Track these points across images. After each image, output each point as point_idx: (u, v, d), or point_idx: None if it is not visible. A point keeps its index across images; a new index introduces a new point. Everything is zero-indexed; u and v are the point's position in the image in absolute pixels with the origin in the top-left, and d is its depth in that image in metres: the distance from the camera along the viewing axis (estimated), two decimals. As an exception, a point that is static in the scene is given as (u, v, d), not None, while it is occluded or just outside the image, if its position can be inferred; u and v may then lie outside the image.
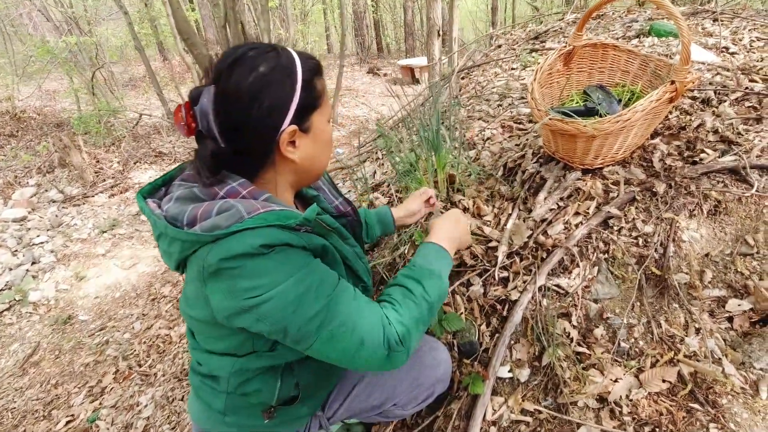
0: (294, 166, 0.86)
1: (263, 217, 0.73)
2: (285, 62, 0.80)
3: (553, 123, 1.32)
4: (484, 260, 1.42)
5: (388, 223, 1.32)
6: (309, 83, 0.82)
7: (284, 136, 0.80)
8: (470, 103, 2.34)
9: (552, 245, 1.35)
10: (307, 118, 0.83)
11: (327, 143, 0.90)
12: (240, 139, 0.79)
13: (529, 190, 1.55)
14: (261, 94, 0.76)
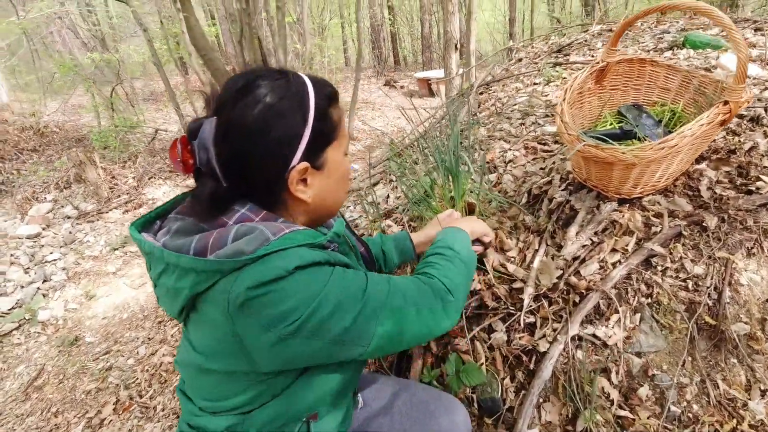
0: (305, 207, 0.78)
1: (290, 237, 0.66)
2: (296, 90, 0.72)
3: (587, 150, 1.16)
4: (507, 303, 1.27)
5: (407, 250, 1.21)
6: (323, 114, 0.74)
7: (294, 175, 0.72)
8: (490, 121, 2.19)
9: (586, 288, 1.19)
10: (321, 154, 0.76)
11: (343, 179, 0.83)
12: (244, 178, 0.71)
13: (558, 222, 1.39)
14: (268, 126, 0.69)
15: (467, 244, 1.01)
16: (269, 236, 0.66)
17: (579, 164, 1.36)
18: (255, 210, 0.73)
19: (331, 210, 0.85)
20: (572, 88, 1.35)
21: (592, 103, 1.46)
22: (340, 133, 0.78)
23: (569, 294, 1.21)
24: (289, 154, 0.71)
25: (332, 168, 0.78)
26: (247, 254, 0.63)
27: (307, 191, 0.75)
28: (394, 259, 1.21)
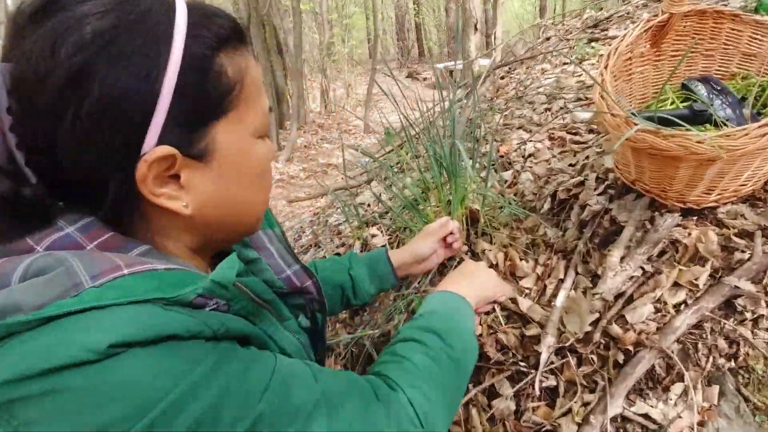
0: (186, 221, 0.48)
1: (123, 285, 0.37)
2: (142, 14, 0.41)
3: (642, 138, 0.77)
4: (518, 355, 0.89)
5: (385, 276, 0.92)
6: (202, 63, 0.43)
7: (142, 168, 0.41)
8: (508, 107, 1.80)
9: (634, 342, 0.80)
10: (201, 132, 0.44)
11: (255, 175, 0.51)
12: (58, 172, 0.41)
13: (593, 240, 1.00)
14: (89, 77, 0.38)
15: (467, 327, 0.68)
16: (81, 280, 0.37)
17: (626, 159, 0.96)
18: (94, 229, 0.43)
19: (240, 223, 0.54)
20: (618, 53, 0.95)
21: (646, 75, 1.06)
22: (244, 102, 0.47)
23: (609, 349, 0.82)
24: (130, 130, 0.40)
25: (228, 157, 0.47)
26: (24, 313, 0.35)
27: (180, 196, 0.45)
28: (367, 288, 0.91)
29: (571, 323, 0.87)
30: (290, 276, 0.70)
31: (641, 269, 0.87)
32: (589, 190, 1.12)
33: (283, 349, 0.52)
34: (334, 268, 0.91)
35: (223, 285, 0.41)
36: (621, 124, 0.82)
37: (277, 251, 0.71)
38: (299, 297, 0.73)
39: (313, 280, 0.73)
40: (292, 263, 0.71)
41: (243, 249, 0.68)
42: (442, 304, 0.71)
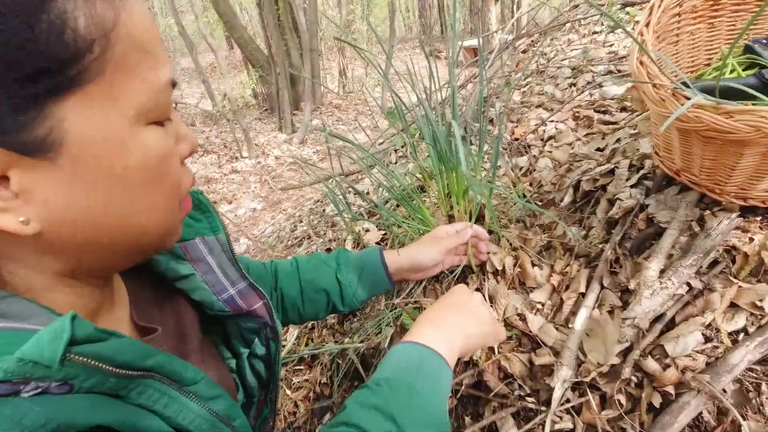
0: (36, 242, 0.34)
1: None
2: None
3: (698, 115, 0.58)
4: (525, 386, 0.72)
5: (377, 280, 0.80)
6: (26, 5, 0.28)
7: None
8: (527, 82, 1.58)
9: (676, 381, 0.62)
10: (36, 113, 0.29)
11: (140, 178, 0.36)
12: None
13: (624, 245, 0.81)
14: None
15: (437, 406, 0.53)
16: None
17: (668, 143, 0.76)
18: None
19: (134, 244, 0.39)
20: (663, 6, 0.74)
21: (698, 36, 0.84)
22: (115, 69, 0.32)
23: (642, 389, 0.64)
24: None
25: (89, 151, 0.32)
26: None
27: (14, 208, 0.31)
28: (357, 294, 0.80)
29: (593, 352, 0.69)
30: (234, 296, 0.56)
31: (687, 285, 0.68)
32: (620, 181, 0.93)
33: (180, 427, 0.38)
34: (319, 270, 0.78)
35: (41, 364, 0.28)
36: (667, 99, 0.62)
37: (219, 265, 0.56)
38: (250, 321, 0.58)
39: (264, 302, 0.59)
40: (237, 280, 0.57)
41: (172, 260, 0.53)
42: (407, 368, 0.55)
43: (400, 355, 0.57)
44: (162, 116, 0.37)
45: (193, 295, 0.55)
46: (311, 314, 0.79)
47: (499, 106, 1.41)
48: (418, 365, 0.55)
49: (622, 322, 0.66)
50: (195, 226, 0.56)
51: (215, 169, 4.99)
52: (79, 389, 0.30)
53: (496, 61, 1.98)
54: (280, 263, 0.81)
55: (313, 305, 0.78)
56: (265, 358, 0.61)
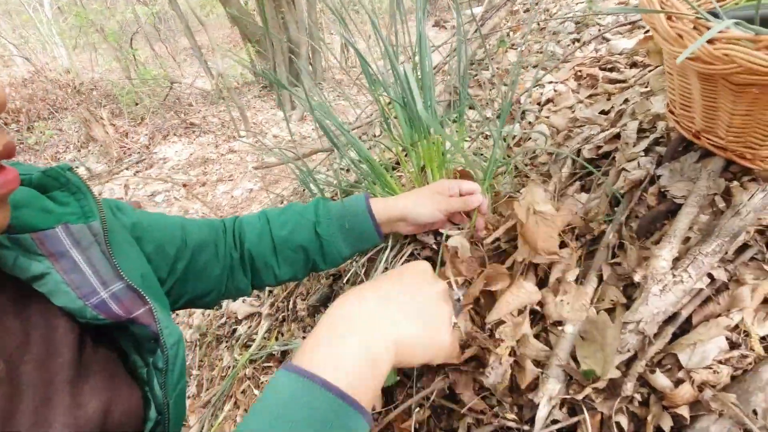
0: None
1: None
2: None
3: (731, 52, 0.43)
4: (504, 402, 0.59)
5: (363, 233, 0.70)
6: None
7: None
8: (526, 41, 1.41)
9: (691, 400, 0.49)
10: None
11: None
12: None
13: (630, 225, 0.66)
14: None
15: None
16: None
17: (687, 98, 0.61)
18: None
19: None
20: None
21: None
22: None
23: (648, 407, 0.51)
24: None
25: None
26: None
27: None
28: (340, 249, 0.71)
29: (588, 359, 0.56)
30: (106, 300, 0.45)
31: (708, 277, 0.54)
32: (627, 147, 0.77)
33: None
34: (295, 224, 0.69)
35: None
36: (686, 34, 0.47)
37: (87, 260, 0.45)
38: (134, 327, 0.47)
39: (148, 307, 0.46)
40: (111, 279, 0.46)
41: (22, 256, 0.42)
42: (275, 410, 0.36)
43: (279, 400, 0.37)
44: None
45: (54, 300, 0.43)
46: (288, 274, 0.71)
47: (492, 70, 1.25)
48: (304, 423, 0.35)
49: (623, 326, 0.52)
50: (56, 212, 0.44)
51: (212, 149, 4.87)
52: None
53: (494, 17, 1.79)
54: (245, 219, 0.71)
55: (290, 265, 0.69)
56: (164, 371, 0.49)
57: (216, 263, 0.66)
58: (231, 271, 0.69)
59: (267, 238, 0.69)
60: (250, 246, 0.69)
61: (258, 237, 0.69)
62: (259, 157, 4.49)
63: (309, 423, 0.35)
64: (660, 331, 0.53)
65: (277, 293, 1.18)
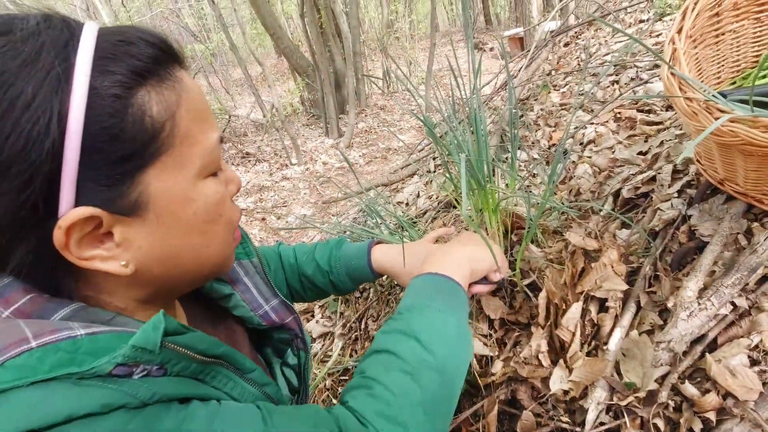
0: (128, 278, 0.42)
1: (26, 363, 0.32)
2: (38, 52, 0.35)
3: (733, 130, 0.55)
4: (558, 408, 0.72)
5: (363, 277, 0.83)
6: (115, 104, 0.36)
7: (61, 236, 0.36)
8: (566, 82, 1.54)
9: (717, 406, 0.60)
10: (129, 185, 0.38)
11: (203, 221, 0.45)
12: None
13: (665, 258, 0.78)
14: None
15: (455, 321, 0.58)
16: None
17: (709, 153, 0.73)
18: (11, 292, 0.38)
19: (198, 273, 0.48)
20: (698, 8, 0.71)
21: (742, 33, 0.79)
22: (180, 140, 0.40)
23: (681, 413, 0.62)
24: (33, 192, 0.34)
25: (167, 207, 0.41)
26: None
27: (117, 255, 0.40)
28: (348, 287, 0.85)
29: (630, 371, 0.67)
30: (268, 312, 0.64)
31: (731, 304, 0.65)
32: (663, 188, 0.89)
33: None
34: (315, 269, 0.85)
35: (147, 349, 0.36)
36: (700, 112, 0.60)
37: (254, 284, 0.65)
38: (284, 333, 0.67)
39: (294, 316, 0.67)
40: (270, 297, 0.65)
41: (215, 283, 0.62)
42: (424, 294, 0.62)
43: (417, 285, 0.64)
44: (215, 169, 0.45)
45: (235, 312, 0.63)
46: (313, 298, 0.91)
47: (537, 111, 1.38)
48: (433, 288, 0.62)
49: (657, 345, 0.64)
50: None
51: (266, 177, 5.22)
52: (170, 372, 0.38)
53: (536, 58, 1.93)
54: (283, 252, 0.87)
55: (313, 293, 0.87)
56: (295, 367, 0.68)
57: (282, 283, 0.84)
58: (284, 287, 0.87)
59: (296, 274, 0.86)
60: (287, 276, 0.86)
61: (291, 271, 0.86)
62: (311, 183, 4.77)
63: (443, 289, 0.63)
64: (690, 349, 0.64)
65: (348, 315, 1.35)
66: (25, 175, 0.33)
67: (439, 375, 0.53)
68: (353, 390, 0.52)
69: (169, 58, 0.41)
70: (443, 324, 0.57)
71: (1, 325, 0.35)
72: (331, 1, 6.66)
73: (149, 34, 0.40)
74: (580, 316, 0.76)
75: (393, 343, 0.54)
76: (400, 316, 0.59)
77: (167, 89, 0.39)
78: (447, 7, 21.07)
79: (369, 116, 7.54)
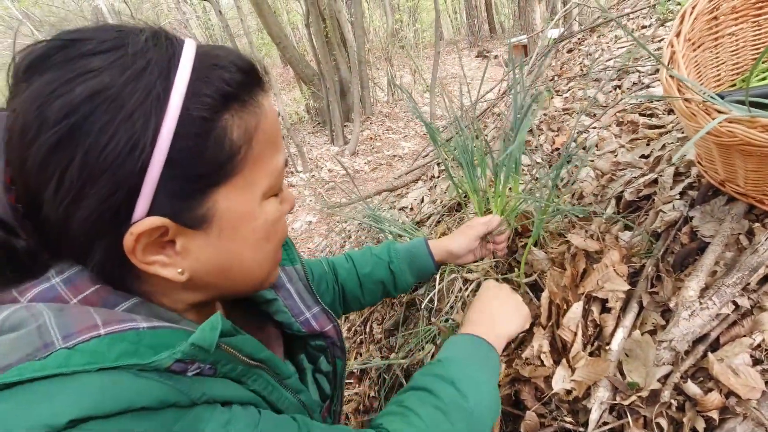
0: (183, 283, 0.44)
1: (96, 349, 0.35)
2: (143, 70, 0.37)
3: (731, 130, 0.56)
4: (562, 408, 0.72)
5: (424, 267, 0.90)
6: (201, 127, 0.38)
7: (131, 241, 0.38)
8: (569, 87, 1.55)
9: (720, 405, 0.60)
10: (200, 200, 0.41)
11: (260, 238, 0.47)
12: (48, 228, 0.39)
13: (667, 258, 0.78)
14: (73, 143, 0.35)
15: (489, 378, 0.64)
16: (52, 340, 0.35)
17: (709, 154, 0.73)
18: (79, 281, 0.40)
19: (248, 284, 0.50)
20: (696, 12, 0.72)
21: (741, 36, 0.80)
22: (252, 163, 0.43)
23: (683, 412, 0.62)
24: (116, 199, 0.37)
25: (230, 222, 0.43)
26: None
27: (176, 262, 0.42)
28: (408, 280, 0.90)
29: (634, 370, 0.68)
30: (309, 319, 0.66)
31: (732, 304, 0.65)
32: (664, 191, 0.89)
33: (279, 410, 0.48)
34: (374, 263, 0.89)
35: (204, 348, 0.38)
36: (698, 113, 0.61)
37: (296, 291, 0.66)
38: (319, 340, 0.67)
39: (333, 324, 0.68)
40: (312, 305, 0.67)
41: None
42: (462, 350, 0.67)
43: (454, 342, 0.69)
44: (278, 189, 0.47)
45: (276, 317, 0.64)
46: (370, 302, 0.91)
47: (540, 116, 1.39)
48: (470, 347, 0.68)
49: (659, 344, 0.64)
50: None
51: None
52: (219, 373, 0.40)
53: (539, 64, 1.95)
54: (336, 260, 0.91)
55: (371, 294, 0.89)
56: (330, 374, 0.69)
57: (327, 293, 0.85)
58: (333, 299, 0.88)
59: (354, 276, 0.88)
60: (342, 281, 0.88)
61: (348, 275, 0.89)
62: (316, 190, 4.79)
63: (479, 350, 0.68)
64: (692, 348, 0.64)
65: (353, 319, 1.35)
66: (112, 184, 0.35)
67: (470, 417, 0.57)
68: (389, 415, 0.56)
69: (254, 83, 0.42)
70: (477, 377, 0.62)
71: (73, 310, 0.37)
72: (336, 11, 6.75)
73: (240, 59, 0.42)
74: (581, 317, 0.77)
75: (430, 383, 0.60)
76: (439, 363, 0.64)
77: (248, 114, 0.41)
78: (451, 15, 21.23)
79: (374, 124, 7.58)
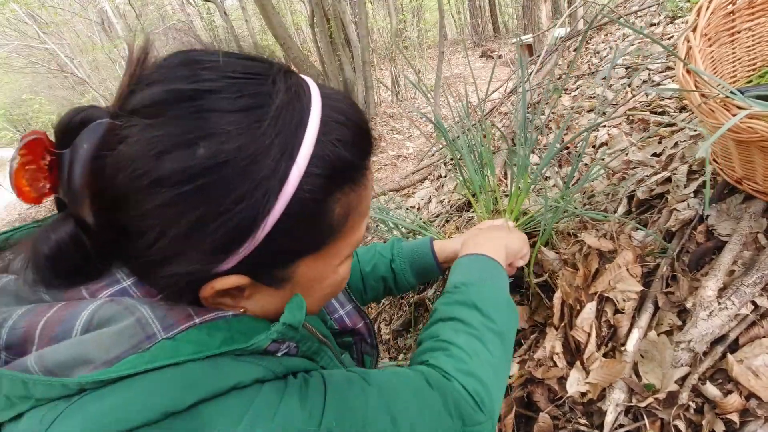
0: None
1: (198, 339, 0.37)
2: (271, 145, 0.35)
3: (751, 126, 0.55)
4: (576, 409, 0.71)
5: (427, 268, 0.87)
6: (311, 208, 0.38)
7: (209, 290, 0.38)
8: (578, 86, 1.53)
9: (740, 408, 0.58)
10: (283, 267, 0.41)
11: (323, 294, 0.48)
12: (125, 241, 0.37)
13: (682, 258, 0.77)
14: (186, 204, 0.34)
15: (504, 294, 0.66)
16: (154, 331, 0.36)
17: (726, 151, 0.72)
18: (147, 286, 0.41)
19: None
20: (713, 6, 0.71)
21: (758, 31, 0.79)
22: (342, 236, 0.43)
23: (702, 414, 0.61)
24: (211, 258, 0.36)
25: (304, 284, 0.44)
26: (95, 367, 0.34)
27: (241, 303, 0.42)
28: (409, 280, 0.87)
29: (650, 372, 0.66)
30: (343, 317, 0.67)
31: (752, 304, 0.64)
32: (678, 189, 0.88)
33: None
34: (376, 261, 0.88)
35: (295, 326, 0.41)
36: (717, 109, 0.59)
37: None
38: (347, 336, 0.69)
39: (365, 322, 0.70)
40: (345, 303, 0.69)
41: None
42: (474, 272, 0.68)
43: (465, 263, 0.70)
44: (354, 250, 0.47)
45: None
46: (372, 298, 0.92)
47: (549, 114, 1.38)
48: (480, 266, 0.69)
49: (676, 345, 0.63)
50: None
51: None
52: (299, 352, 0.44)
53: (546, 63, 1.93)
54: None
55: (373, 291, 0.89)
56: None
57: (356, 292, 0.85)
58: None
59: (357, 272, 0.88)
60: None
61: (352, 271, 0.87)
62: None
63: (488, 267, 0.69)
64: (710, 349, 0.63)
65: (360, 318, 1.34)
66: (215, 249, 0.35)
67: (500, 339, 0.59)
68: (431, 351, 0.56)
69: (367, 155, 0.42)
70: (496, 297, 0.64)
71: (162, 304, 0.38)
72: (341, 11, 6.74)
73: (364, 130, 0.41)
74: (595, 317, 0.75)
75: (457, 312, 0.60)
76: (456, 290, 0.64)
77: (354, 192, 0.40)
78: (455, 15, 21.18)
79: (378, 124, 7.56)
